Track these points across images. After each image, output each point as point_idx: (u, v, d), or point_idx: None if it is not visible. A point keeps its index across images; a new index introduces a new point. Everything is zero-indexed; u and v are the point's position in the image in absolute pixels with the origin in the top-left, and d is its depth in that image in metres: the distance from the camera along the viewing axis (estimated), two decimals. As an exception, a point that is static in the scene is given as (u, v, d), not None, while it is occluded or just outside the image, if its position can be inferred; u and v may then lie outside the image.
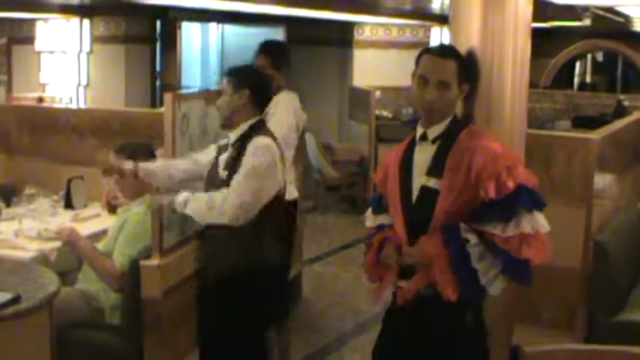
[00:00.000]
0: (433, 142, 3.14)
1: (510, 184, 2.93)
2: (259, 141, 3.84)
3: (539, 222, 2.98)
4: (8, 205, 5.57)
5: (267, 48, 5.25)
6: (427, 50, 3.17)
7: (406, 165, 3.19)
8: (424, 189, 3.10)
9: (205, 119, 4.78)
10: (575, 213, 4.63)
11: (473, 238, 2.99)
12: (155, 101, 11.49)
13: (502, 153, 3.01)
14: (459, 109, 3.25)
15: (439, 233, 3.04)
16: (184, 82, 12.54)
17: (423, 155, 3.15)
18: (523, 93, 3.38)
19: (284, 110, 5.04)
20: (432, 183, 3.08)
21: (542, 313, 4.70)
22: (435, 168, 3.09)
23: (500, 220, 2.96)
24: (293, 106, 5.21)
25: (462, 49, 3.30)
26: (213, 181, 3.92)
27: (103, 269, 4.49)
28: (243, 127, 3.90)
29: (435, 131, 3.14)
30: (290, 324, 5.26)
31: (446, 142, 3.11)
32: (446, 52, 3.18)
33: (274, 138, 3.95)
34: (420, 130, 3.18)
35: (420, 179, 3.12)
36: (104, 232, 4.82)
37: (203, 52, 14.59)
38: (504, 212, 2.95)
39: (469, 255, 2.98)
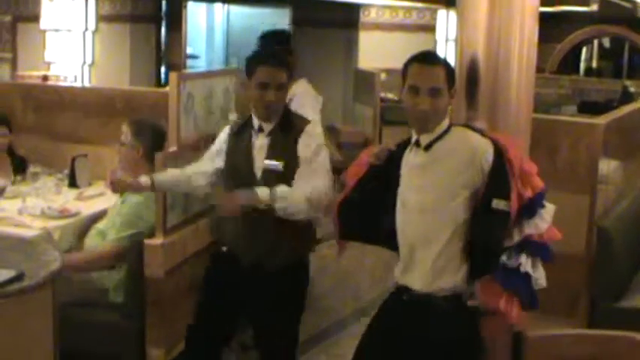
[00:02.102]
0: (425, 149, 3.18)
1: (528, 194, 3.10)
2: (313, 128, 3.90)
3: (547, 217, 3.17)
4: (18, 173, 5.59)
5: (280, 37, 5.31)
6: (413, 60, 3.18)
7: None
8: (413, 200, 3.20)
9: (210, 99, 4.78)
10: (580, 199, 4.62)
11: (522, 259, 3.11)
12: (160, 81, 11.47)
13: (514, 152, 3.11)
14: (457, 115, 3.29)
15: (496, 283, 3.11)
16: (189, 62, 12.51)
17: (417, 161, 3.22)
18: (529, 78, 3.36)
19: (310, 110, 5.15)
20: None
21: (544, 299, 4.69)
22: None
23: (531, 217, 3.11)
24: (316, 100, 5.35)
25: (469, 33, 3.30)
26: (249, 173, 3.86)
27: (97, 260, 4.51)
28: (279, 115, 3.87)
29: (427, 138, 3.18)
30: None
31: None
32: (433, 59, 3.20)
33: None
34: (414, 137, 3.22)
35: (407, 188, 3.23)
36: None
37: (208, 32, 14.54)
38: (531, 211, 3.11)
39: (529, 275, 3.12)
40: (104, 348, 4.57)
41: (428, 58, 3.19)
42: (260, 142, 3.85)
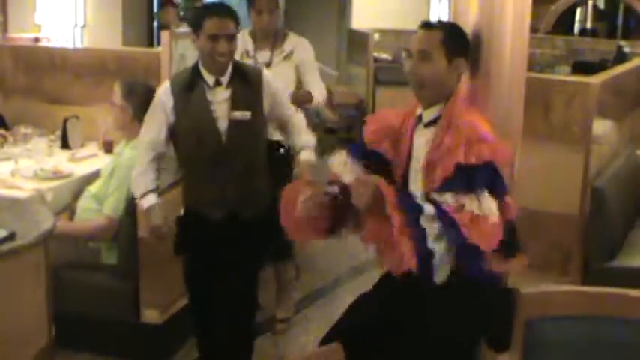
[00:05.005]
0: (426, 126, 3.09)
1: (473, 160, 2.84)
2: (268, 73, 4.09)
3: (491, 207, 2.85)
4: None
5: None
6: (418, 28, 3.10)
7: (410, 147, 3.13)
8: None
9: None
10: (573, 158, 4.62)
11: (429, 208, 2.84)
12: (152, 42, 11.40)
13: (481, 130, 2.92)
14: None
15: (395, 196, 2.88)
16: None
17: (421, 139, 3.09)
18: (524, 37, 3.34)
19: (312, 56, 5.31)
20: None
21: (537, 258, 4.70)
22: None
23: (458, 190, 2.85)
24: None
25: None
26: (212, 128, 3.85)
27: (91, 231, 4.52)
28: (230, 67, 3.87)
29: (429, 115, 3.08)
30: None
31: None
32: (431, 24, 3.11)
33: None
34: (419, 111, 3.13)
35: (417, 164, 3.06)
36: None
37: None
38: (463, 183, 2.85)
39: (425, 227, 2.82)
40: (98, 309, 4.60)
41: (426, 23, 3.10)
42: (220, 96, 3.84)
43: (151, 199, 3.93)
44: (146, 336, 4.63)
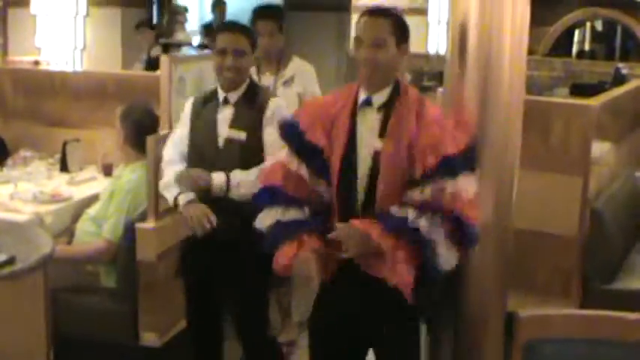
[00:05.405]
0: (378, 109, 3.16)
1: (432, 161, 2.98)
2: (281, 101, 3.97)
3: (469, 184, 3.02)
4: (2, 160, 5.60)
5: (273, 12, 5.29)
6: (363, 13, 3.19)
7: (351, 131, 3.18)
8: (372, 153, 3.11)
9: (201, 81, 4.76)
10: (572, 180, 4.61)
11: (411, 212, 2.99)
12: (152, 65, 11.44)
13: (434, 126, 3.05)
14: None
15: (377, 224, 3.02)
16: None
17: (369, 122, 3.16)
18: (522, 60, 3.35)
19: (315, 84, 5.29)
20: (380, 146, 3.10)
21: (536, 281, 4.70)
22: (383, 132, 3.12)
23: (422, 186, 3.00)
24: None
25: (461, 15, 3.27)
26: (212, 145, 3.86)
27: (90, 253, 4.52)
28: (244, 87, 3.87)
29: (379, 98, 3.17)
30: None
31: (390, 109, 3.14)
32: (379, 11, 3.21)
33: None
34: (362, 95, 3.19)
35: (366, 146, 3.13)
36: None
37: (201, 16, 14.48)
38: (446, 172, 2.99)
39: (418, 229, 2.98)
40: (97, 332, 4.58)
41: (374, 11, 3.20)
42: (224, 114, 3.86)
43: (189, 196, 3.84)
44: (145, 359, 4.61)
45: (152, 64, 9.97)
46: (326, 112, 3.23)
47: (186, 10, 12.89)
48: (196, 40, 12.86)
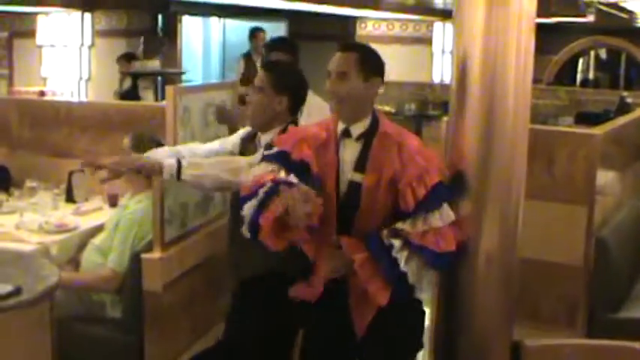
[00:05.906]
0: (357, 139, 3.24)
1: (422, 192, 3.08)
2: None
3: (448, 214, 3.11)
4: (7, 189, 5.62)
5: (288, 44, 5.29)
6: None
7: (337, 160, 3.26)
8: (352, 184, 3.20)
9: (207, 112, 4.77)
10: (577, 209, 4.61)
11: (397, 243, 3.10)
12: (157, 95, 11.49)
13: (417, 157, 3.15)
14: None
15: (362, 244, 3.13)
16: (185, 76, 12.52)
17: (349, 151, 3.25)
18: (526, 89, 3.36)
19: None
20: (360, 179, 3.19)
21: (542, 310, 4.69)
22: (362, 164, 3.21)
23: (413, 217, 3.11)
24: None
25: (465, 44, 3.29)
26: None
27: (96, 281, 4.51)
28: (276, 131, 3.81)
29: (357, 129, 3.25)
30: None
31: (370, 140, 3.23)
32: (347, 46, 3.42)
33: None
34: (340, 126, 3.28)
35: (347, 175, 3.22)
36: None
37: (205, 46, 14.56)
38: (435, 203, 3.10)
39: (397, 260, 3.09)
40: (103, 363, 4.57)
41: (343, 46, 3.39)
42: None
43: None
44: (150, 390, 4.60)
45: (123, 96, 10.01)
46: (313, 135, 3.29)
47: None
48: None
